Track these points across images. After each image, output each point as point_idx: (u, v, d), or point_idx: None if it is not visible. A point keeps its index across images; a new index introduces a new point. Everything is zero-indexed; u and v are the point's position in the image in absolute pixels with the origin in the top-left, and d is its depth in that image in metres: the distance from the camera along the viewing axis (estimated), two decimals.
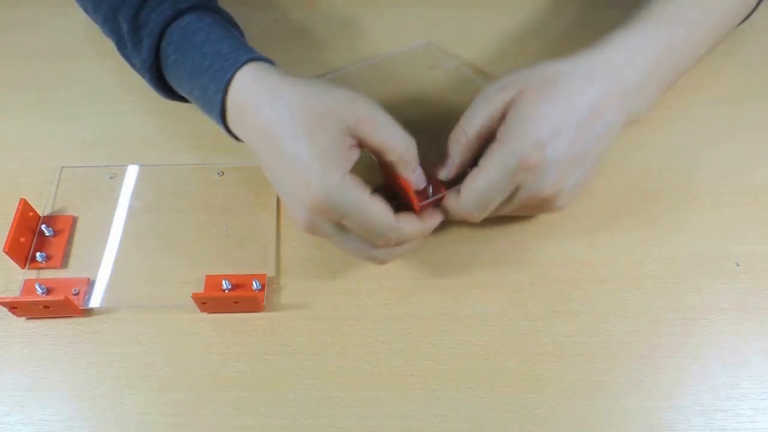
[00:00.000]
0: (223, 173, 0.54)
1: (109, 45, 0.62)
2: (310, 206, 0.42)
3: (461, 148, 0.45)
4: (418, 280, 0.48)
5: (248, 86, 0.44)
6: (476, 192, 0.43)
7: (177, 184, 0.53)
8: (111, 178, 0.54)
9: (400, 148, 0.43)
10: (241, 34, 0.51)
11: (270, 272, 0.49)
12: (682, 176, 0.52)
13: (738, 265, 0.48)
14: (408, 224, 0.44)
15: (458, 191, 0.44)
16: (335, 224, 0.43)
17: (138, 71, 0.51)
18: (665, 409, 0.43)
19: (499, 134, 0.43)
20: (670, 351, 0.45)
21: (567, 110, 0.43)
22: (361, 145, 0.43)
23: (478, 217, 0.45)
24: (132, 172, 0.54)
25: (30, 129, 0.57)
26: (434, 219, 0.46)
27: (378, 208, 0.42)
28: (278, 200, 0.52)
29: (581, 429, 0.42)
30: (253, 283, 0.47)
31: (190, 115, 0.56)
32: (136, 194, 0.53)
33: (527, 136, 0.42)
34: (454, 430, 0.43)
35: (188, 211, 0.52)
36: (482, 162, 0.43)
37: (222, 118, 0.46)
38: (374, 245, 0.44)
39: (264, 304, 0.47)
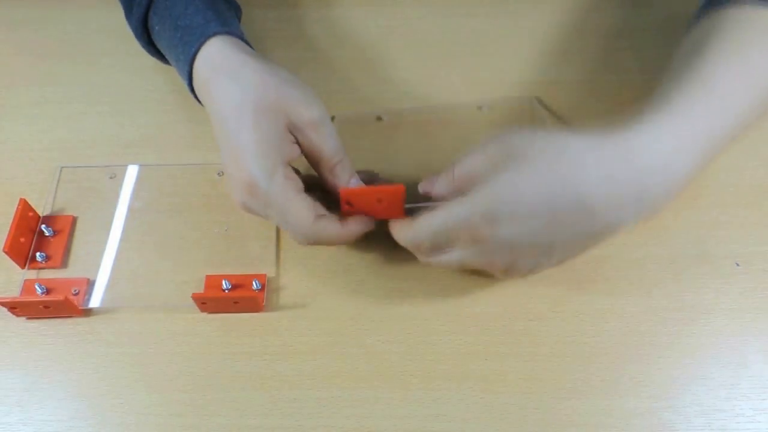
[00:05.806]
0: (223, 173, 0.54)
1: (110, 45, 0.62)
2: (241, 188, 0.43)
3: (445, 181, 0.44)
4: (418, 280, 0.48)
5: (211, 61, 0.46)
6: (426, 228, 0.42)
7: (177, 184, 0.53)
8: (111, 178, 0.54)
9: (334, 159, 0.44)
10: (235, 7, 0.54)
11: (270, 272, 0.49)
12: None
13: (738, 265, 0.48)
14: (328, 227, 0.44)
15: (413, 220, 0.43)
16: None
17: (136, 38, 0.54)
18: (665, 409, 0.43)
19: (469, 187, 0.40)
20: (670, 351, 0.45)
21: (548, 195, 0.38)
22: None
23: (423, 254, 0.44)
24: (132, 172, 0.54)
25: (30, 129, 0.57)
26: (359, 226, 0.45)
27: (299, 207, 0.43)
28: None
29: (581, 429, 0.42)
30: (253, 283, 0.47)
31: (190, 115, 0.57)
32: (136, 194, 0.53)
33: (479, 205, 0.39)
34: (454, 430, 0.43)
35: (188, 211, 0.52)
36: (443, 204, 0.41)
37: (192, 89, 0.49)
38: (293, 239, 0.45)
39: (264, 304, 0.47)
